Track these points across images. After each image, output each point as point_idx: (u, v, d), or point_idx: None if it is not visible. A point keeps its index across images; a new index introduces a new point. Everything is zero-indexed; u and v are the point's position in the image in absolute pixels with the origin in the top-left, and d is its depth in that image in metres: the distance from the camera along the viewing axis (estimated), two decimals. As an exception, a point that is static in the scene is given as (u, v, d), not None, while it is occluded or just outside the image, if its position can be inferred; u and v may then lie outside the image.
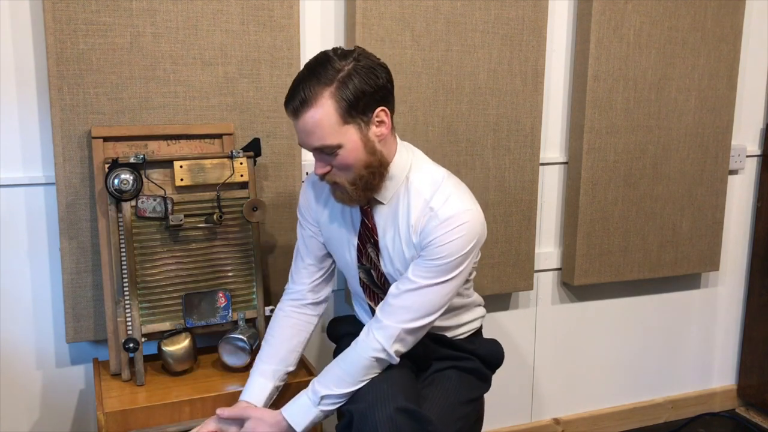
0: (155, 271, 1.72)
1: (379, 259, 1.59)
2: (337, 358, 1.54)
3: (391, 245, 1.56)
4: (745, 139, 2.62)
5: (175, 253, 1.74)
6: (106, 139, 1.71)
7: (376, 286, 1.63)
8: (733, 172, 2.61)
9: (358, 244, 1.59)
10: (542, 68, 2.16)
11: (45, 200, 1.81)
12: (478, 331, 1.78)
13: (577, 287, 2.44)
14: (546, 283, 2.42)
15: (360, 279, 1.64)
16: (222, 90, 1.84)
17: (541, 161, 2.26)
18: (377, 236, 1.57)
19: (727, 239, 2.62)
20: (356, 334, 1.71)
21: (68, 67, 1.70)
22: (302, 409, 1.50)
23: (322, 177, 1.49)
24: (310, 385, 1.52)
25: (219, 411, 1.54)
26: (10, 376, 1.85)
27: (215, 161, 1.75)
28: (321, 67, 1.42)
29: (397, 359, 1.50)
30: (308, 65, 1.45)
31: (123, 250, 1.68)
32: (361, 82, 1.40)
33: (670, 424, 2.67)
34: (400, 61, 1.98)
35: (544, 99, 2.21)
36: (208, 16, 1.79)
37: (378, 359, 1.49)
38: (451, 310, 1.67)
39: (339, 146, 1.42)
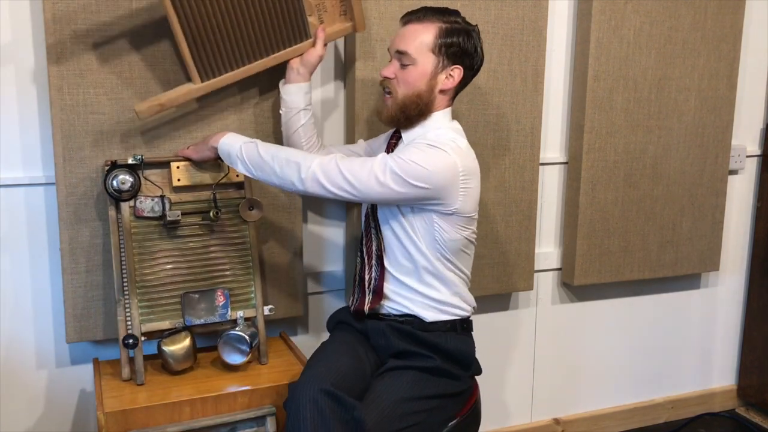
0: (154, 270, 1.72)
1: None
2: (279, 146, 1.67)
3: None
4: (745, 139, 2.62)
5: (174, 253, 1.74)
6: None
7: (373, 217, 1.74)
8: (733, 172, 2.61)
9: None
10: (542, 68, 2.16)
11: (45, 200, 1.81)
12: (455, 328, 1.74)
13: (577, 287, 2.44)
14: (546, 283, 2.42)
15: (366, 209, 1.77)
16: (222, 89, 1.83)
17: (541, 161, 2.26)
18: None
19: (727, 239, 2.62)
20: (348, 322, 1.78)
21: (68, 67, 1.70)
22: (240, 137, 1.68)
23: (385, 79, 1.68)
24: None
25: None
26: (10, 376, 1.85)
27: (211, 162, 1.75)
28: (447, 11, 1.68)
29: (304, 183, 1.57)
30: (434, 6, 1.69)
31: (122, 249, 1.68)
32: (461, 39, 1.65)
33: (670, 424, 2.67)
34: (400, 61, 1.98)
35: (544, 99, 2.21)
36: (208, 16, 1.79)
37: (299, 163, 1.58)
38: (429, 272, 1.69)
39: (414, 62, 1.64)
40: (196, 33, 1.63)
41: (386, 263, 1.72)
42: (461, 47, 1.65)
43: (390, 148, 1.76)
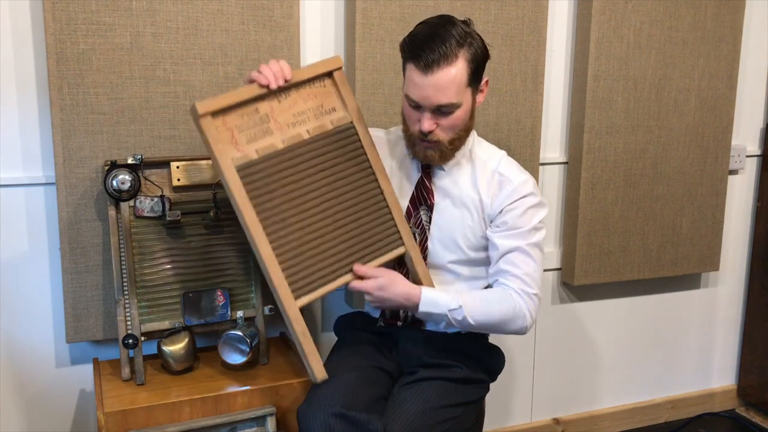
0: (154, 270, 1.72)
1: (429, 222, 1.65)
2: (486, 296, 1.60)
3: (446, 210, 1.65)
4: (745, 139, 2.62)
5: (174, 252, 1.74)
6: (214, 114, 1.44)
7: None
8: (733, 172, 2.61)
9: (408, 206, 1.67)
10: (542, 68, 2.16)
11: (45, 200, 1.81)
12: (485, 335, 1.78)
13: (577, 287, 2.44)
14: (546, 283, 2.42)
15: None
16: (222, 90, 1.83)
17: (541, 161, 2.26)
18: (434, 199, 1.65)
19: (727, 239, 2.62)
20: (363, 329, 1.75)
21: (68, 67, 1.70)
22: (438, 299, 1.55)
23: (428, 134, 1.53)
24: (456, 293, 1.58)
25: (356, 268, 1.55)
26: (10, 376, 1.85)
27: (210, 161, 1.75)
28: (451, 26, 1.48)
29: (526, 330, 1.62)
30: (433, 23, 1.50)
31: (122, 249, 1.68)
32: (481, 49, 1.52)
33: (670, 424, 2.67)
34: (400, 62, 1.97)
35: (544, 99, 2.21)
36: (208, 16, 1.79)
37: (516, 321, 1.59)
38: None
39: (459, 106, 1.51)
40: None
41: None
42: (484, 58, 1.54)
43: (427, 177, 1.66)
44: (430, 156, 1.59)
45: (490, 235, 1.63)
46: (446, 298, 1.56)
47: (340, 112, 1.58)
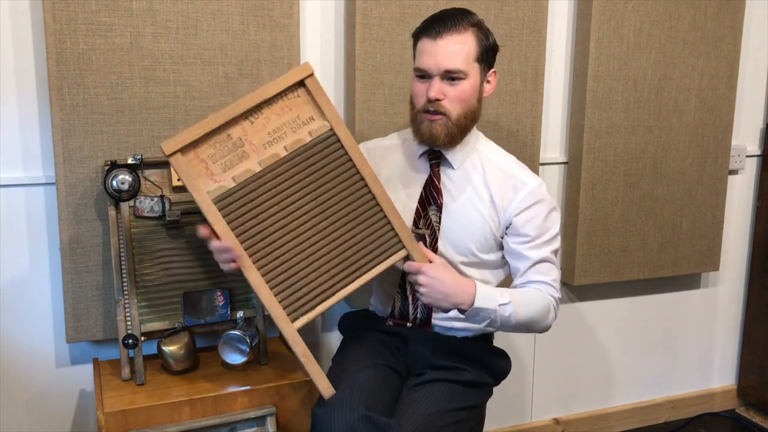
0: (154, 270, 1.72)
1: (440, 223, 1.63)
2: (526, 294, 1.59)
3: (458, 210, 1.63)
4: (745, 139, 2.62)
5: (173, 252, 1.74)
6: (183, 150, 1.42)
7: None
8: (733, 172, 2.61)
9: (417, 207, 1.65)
10: (542, 68, 2.16)
11: (45, 200, 1.81)
12: (490, 338, 1.78)
13: (577, 287, 2.44)
14: (546, 283, 2.42)
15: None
16: (222, 90, 1.84)
17: (541, 161, 2.26)
18: (442, 200, 1.64)
19: (727, 239, 2.62)
20: (371, 328, 1.74)
21: (68, 67, 1.70)
22: (491, 293, 1.54)
23: (434, 101, 1.55)
24: (499, 288, 1.58)
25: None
26: (10, 376, 1.85)
27: None
28: (465, 11, 1.58)
29: (549, 328, 1.66)
30: (448, 10, 1.59)
31: (122, 249, 1.68)
32: (492, 38, 1.59)
33: (670, 424, 2.67)
34: (400, 62, 1.98)
35: (544, 99, 2.21)
36: (208, 16, 1.79)
37: (546, 321, 1.61)
38: None
39: (465, 76, 1.54)
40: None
41: None
42: (493, 47, 1.59)
43: (436, 176, 1.65)
44: (435, 133, 1.57)
45: (514, 246, 1.62)
46: (495, 292, 1.54)
47: (318, 121, 1.52)
